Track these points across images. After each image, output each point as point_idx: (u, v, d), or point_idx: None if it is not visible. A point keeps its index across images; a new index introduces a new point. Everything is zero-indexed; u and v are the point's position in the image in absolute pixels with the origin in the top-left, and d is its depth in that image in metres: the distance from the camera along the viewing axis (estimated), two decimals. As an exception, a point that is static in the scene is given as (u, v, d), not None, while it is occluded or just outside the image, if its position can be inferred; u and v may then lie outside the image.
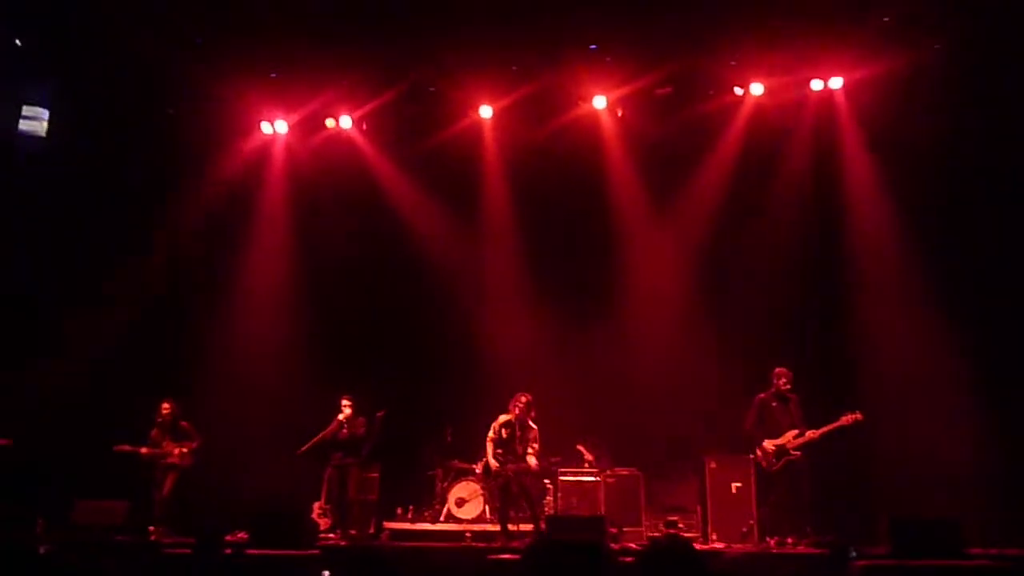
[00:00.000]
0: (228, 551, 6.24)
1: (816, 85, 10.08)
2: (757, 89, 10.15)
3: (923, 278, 9.42)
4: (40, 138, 10.62)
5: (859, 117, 10.03)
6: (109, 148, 10.62)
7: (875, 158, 9.92)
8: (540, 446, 8.77)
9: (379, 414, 9.37)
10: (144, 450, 9.30)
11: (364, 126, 11.07)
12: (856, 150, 10.08)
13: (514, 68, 10.26)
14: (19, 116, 10.54)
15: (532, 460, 8.65)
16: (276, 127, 11.13)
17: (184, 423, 9.48)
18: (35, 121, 10.64)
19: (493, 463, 8.71)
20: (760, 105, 10.30)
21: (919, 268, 9.49)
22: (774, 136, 10.34)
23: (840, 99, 10.11)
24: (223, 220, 11.08)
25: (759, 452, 8.56)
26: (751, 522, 8.81)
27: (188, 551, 6.61)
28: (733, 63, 9.99)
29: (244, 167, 11.18)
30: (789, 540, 8.16)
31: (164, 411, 9.42)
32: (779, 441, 8.43)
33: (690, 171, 10.65)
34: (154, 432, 9.38)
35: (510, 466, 8.65)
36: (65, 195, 10.47)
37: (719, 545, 8.55)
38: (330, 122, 11.01)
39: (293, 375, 10.53)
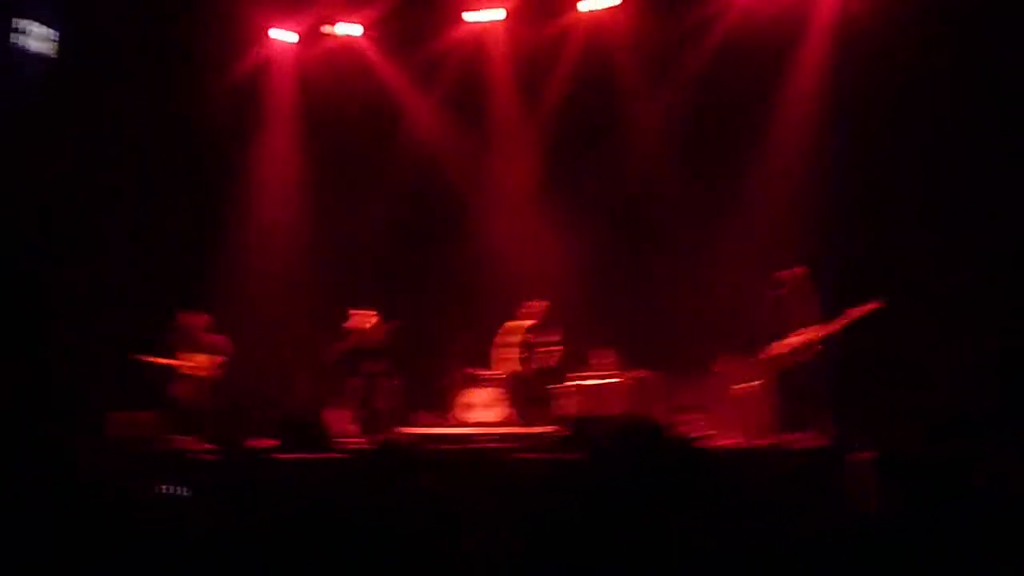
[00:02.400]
0: (256, 455, 6.45)
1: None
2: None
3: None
4: (50, 58, 10.53)
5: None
6: (117, 65, 10.53)
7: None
8: (558, 348, 8.91)
9: (396, 323, 9.50)
10: (171, 361, 9.51)
11: (373, 33, 10.88)
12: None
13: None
14: (28, 36, 10.42)
15: (553, 359, 8.80)
16: (284, 36, 10.97)
17: (213, 336, 9.66)
18: (44, 41, 10.53)
19: (509, 366, 8.87)
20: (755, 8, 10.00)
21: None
22: (776, 34, 10.07)
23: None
24: (233, 130, 11.04)
25: (775, 351, 8.62)
26: (765, 419, 8.93)
27: (217, 458, 6.86)
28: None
29: (253, 77, 11.09)
30: (803, 434, 8.28)
31: (193, 323, 9.59)
32: (796, 340, 8.48)
33: (699, 69, 10.46)
34: (184, 344, 9.58)
35: (527, 366, 8.81)
36: (75, 112, 10.41)
37: (730, 442, 8.71)
38: (328, 28, 10.82)
39: (309, 287, 10.67)
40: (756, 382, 9.10)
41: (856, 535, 2.39)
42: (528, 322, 8.88)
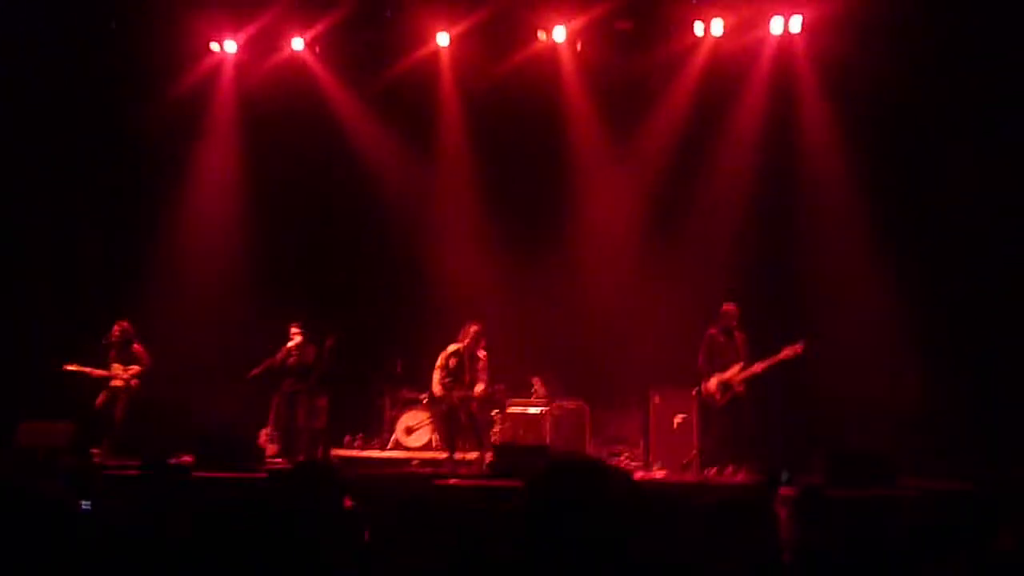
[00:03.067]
0: (174, 472, 6.25)
1: (776, 27, 10.01)
2: (717, 27, 10.07)
3: (873, 222, 9.60)
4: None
5: (817, 60, 10.03)
6: (54, 69, 10.24)
7: (831, 104, 9.97)
8: (488, 375, 8.89)
9: (328, 342, 9.35)
10: (93, 371, 9.19)
11: (316, 48, 10.78)
12: (813, 95, 10.12)
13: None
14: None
15: (479, 387, 8.77)
16: (225, 47, 10.78)
17: (136, 346, 9.36)
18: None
19: (438, 390, 8.81)
20: (719, 46, 10.24)
21: (870, 212, 9.65)
22: (732, 78, 10.31)
23: (799, 43, 10.08)
24: (171, 142, 10.82)
25: (704, 388, 8.76)
26: (693, 453, 9.04)
27: (133, 472, 6.61)
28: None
29: (192, 89, 10.89)
30: (728, 471, 8.43)
31: (115, 332, 9.28)
32: (725, 376, 8.63)
33: (647, 109, 10.61)
34: (107, 353, 9.27)
35: (456, 392, 8.76)
36: (7, 115, 10.08)
37: (659, 475, 8.78)
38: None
39: (242, 301, 10.45)
40: (684, 416, 9.22)
41: (784, 570, 2.41)
42: (461, 345, 8.84)
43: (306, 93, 10.91)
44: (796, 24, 9.93)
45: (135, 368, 9.28)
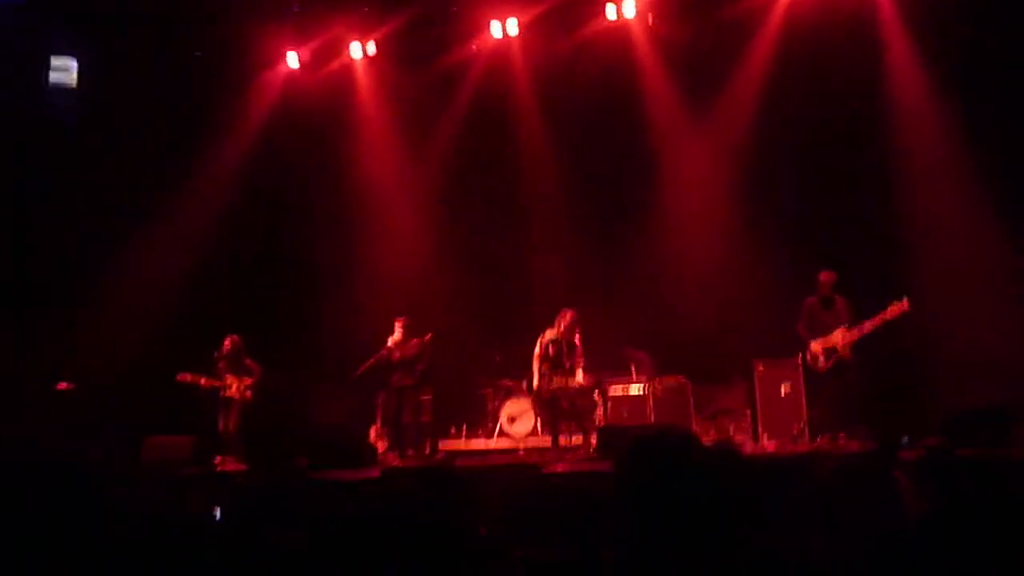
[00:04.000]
0: (291, 475, 6.46)
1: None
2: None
3: (973, 169, 9.12)
4: (70, 89, 10.69)
5: (901, 3, 9.61)
6: (138, 96, 10.68)
7: (920, 50, 9.52)
8: (587, 361, 8.87)
9: (427, 336, 9.50)
10: (204, 381, 9.56)
11: (388, 50, 10.97)
12: (900, 41, 9.67)
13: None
14: (48, 68, 10.58)
15: (579, 375, 8.77)
16: (300, 57, 11.07)
17: (247, 359, 9.70)
18: (64, 72, 10.68)
19: (536, 379, 8.86)
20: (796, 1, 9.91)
21: (968, 160, 9.17)
22: (812, 32, 9.93)
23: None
24: (260, 156, 11.18)
25: (808, 354, 8.55)
26: (801, 423, 8.84)
27: (252, 479, 6.87)
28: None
29: (274, 100, 11.22)
30: (840, 438, 8.20)
31: (226, 346, 9.63)
32: (829, 341, 8.40)
33: (726, 74, 10.36)
34: (219, 365, 9.63)
35: (557, 381, 8.78)
36: (100, 143, 10.56)
37: (770, 446, 8.62)
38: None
39: (344, 302, 10.72)
40: (791, 385, 9.02)
41: (914, 539, 2.35)
42: (558, 332, 8.85)
43: (380, 95, 11.14)
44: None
45: (248, 380, 9.61)
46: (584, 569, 2.79)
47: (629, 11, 10.22)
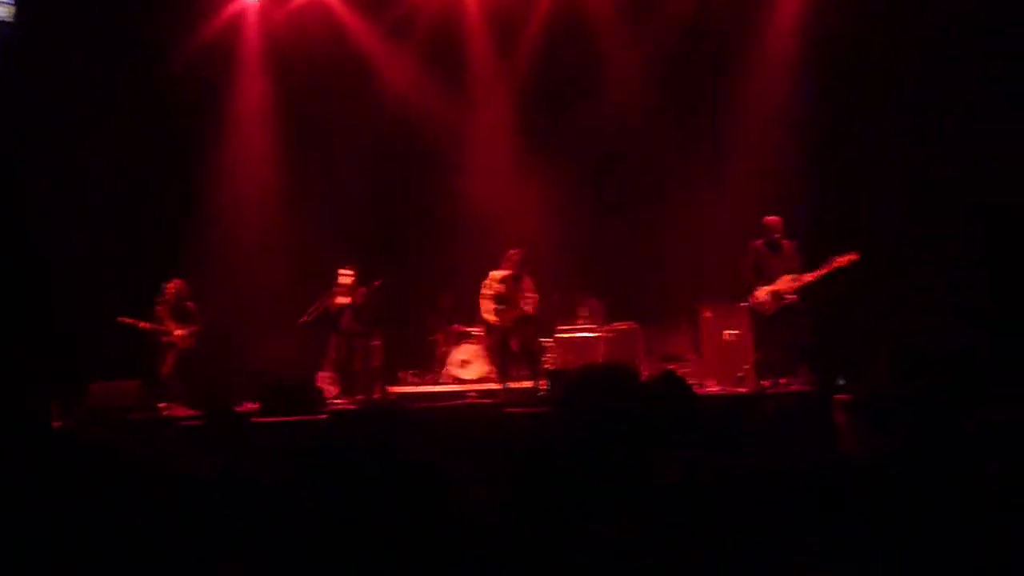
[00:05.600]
0: (237, 420, 6.43)
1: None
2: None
3: (921, 108, 9.20)
4: (7, 23, 10.25)
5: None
6: (79, 25, 10.25)
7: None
8: (537, 296, 8.93)
9: (376, 283, 9.46)
10: (145, 324, 9.40)
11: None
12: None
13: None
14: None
15: (529, 307, 8.81)
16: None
17: (190, 304, 9.55)
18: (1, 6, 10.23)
19: (491, 317, 8.88)
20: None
21: (915, 97, 9.25)
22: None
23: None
24: (201, 91, 10.83)
25: (754, 299, 8.66)
26: (746, 367, 9.01)
27: (200, 423, 6.82)
28: None
29: (217, 38, 10.87)
30: (782, 381, 8.37)
31: (169, 291, 9.47)
32: (774, 286, 8.52)
33: (670, 10, 10.35)
34: (159, 310, 9.48)
35: (508, 315, 8.82)
36: (38, 76, 10.13)
37: (715, 389, 8.79)
38: None
39: (288, 246, 10.58)
40: (737, 332, 9.16)
41: (847, 477, 2.41)
42: (507, 271, 8.87)
43: (330, 33, 10.85)
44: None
45: (191, 327, 9.47)
46: (529, 505, 2.82)
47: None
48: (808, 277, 8.41)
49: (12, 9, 10.22)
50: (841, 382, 6.61)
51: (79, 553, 2.28)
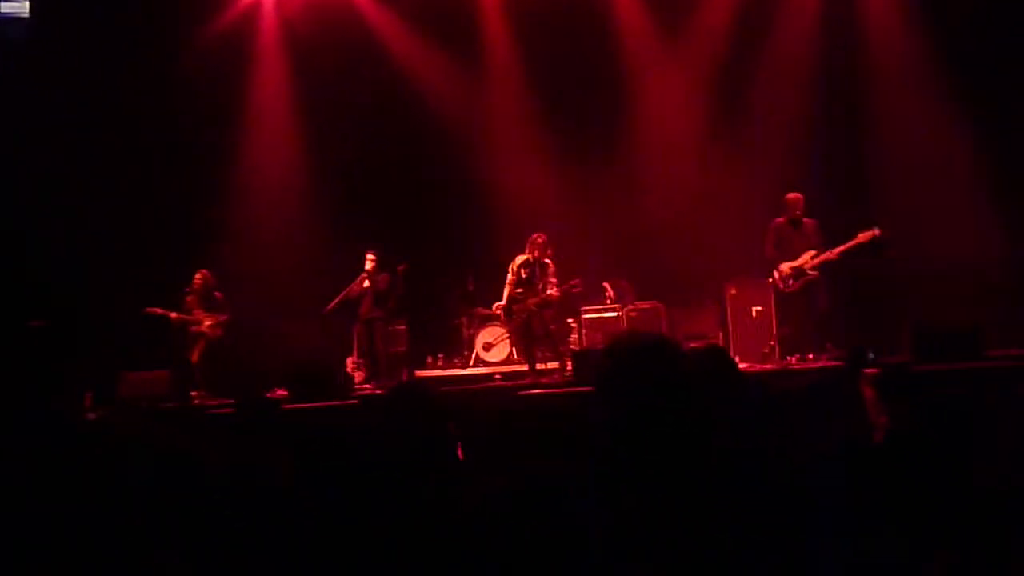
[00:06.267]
0: (267, 406, 6.51)
1: None
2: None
3: (942, 90, 9.18)
4: (23, 19, 10.33)
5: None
6: (96, 18, 10.33)
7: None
8: (559, 280, 8.94)
9: (400, 268, 9.49)
10: (174, 315, 9.49)
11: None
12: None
13: None
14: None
15: (553, 290, 8.84)
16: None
17: (218, 294, 9.63)
18: (15, 2, 10.30)
19: (507, 303, 8.94)
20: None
21: (937, 79, 9.22)
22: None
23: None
24: (220, 79, 10.87)
25: (776, 275, 8.64)
26: (772, 343, 9.00)
27: (231, 411, 6.91)
28: None
29: (233, 25, 10.91)
30: (809, 356, 8.37)
31: (196, 281, 9.55)
32: (796, 263, 8.50)
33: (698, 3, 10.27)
34: (188, 300, 9.58)
35: (531, 300, 8.85)
36: (58, 71, 10.22)
37: (742, 366, 8.77)
38: None
39: (311, 233, 10.66)
40: (762, 307, 9.14)
41: (875, 450, 2.42)
42: (530, 255, 8.89)
43: (348, 19, 10.85)
44: None
45: (218, 316, 9.57)
46: (562, 488, 2.85)
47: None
48: (830, 254, 8.38)
49: (26, 3, 10.28)
50: (871, 356, 6.58)
51: (109, 546, 2.33)
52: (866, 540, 2.07)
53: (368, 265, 9.51)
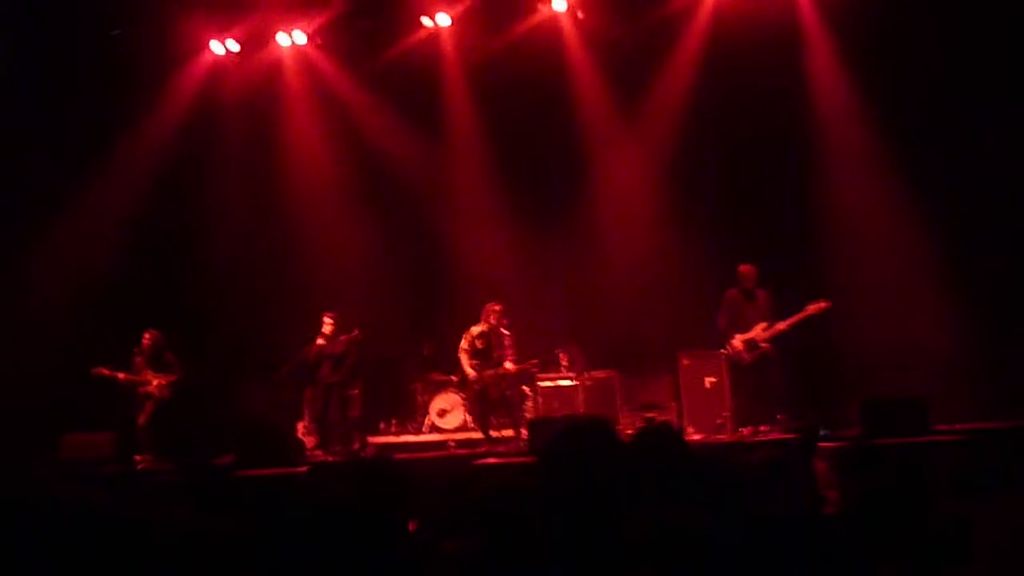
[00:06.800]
0: (216, 473, 6.36)
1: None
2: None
3: (890, 167, 9.49)
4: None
5: (822, 6, 9.90)
6: (53, 80, 10.29)
7: (840, 50, 9.83)
8: (516, 351, 8.95)
9: (355, 332, 9.43)
10: (122, 375, 9.23)
11: (318, 41, 10.77)
12: (821, 43, 9.97)
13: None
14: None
15: (509, 364, 8.84)
16: (227, 46, 10.78)
17: (168, 355, 9.41)
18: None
19: (470, 372, 8.88)
20: (720, 4, 10.09)
21: (887, 158, 9.53)
22: (736, 36, 10.13)
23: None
24: (182, 144, 10.84)
25: (730, 347, 8.76)
26: (725, 414, 9.06)
27: (176, 477, 6.73)
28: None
29: (198, 89, 10.92)
30: (762, 428, 8.43)
31: (145, 341, 9.32)
32: (749, 335, 8.63)
33: (654, 72, 10.53)
34: (137, 360, 9.33)
35: (487, 372, 8.82)
36: (11, 127, 10.14)
37: (696, 437, 8.81)
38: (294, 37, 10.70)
39: (267, 297, 10.55)
40: (715, 379, 9.23)
41: (826, 525, 2.44)
42: (486, 325, 8.91)
43: (311, 87, 10.95)
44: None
45: (169, 376, 9.36)
46: (512, 557, 2.82)
47: (560, 5, 10.29)
48: (781, 325, 8.54)
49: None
50: (823, 432, 6.69)
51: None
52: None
53: (326, 328, 9.43)
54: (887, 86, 9.52)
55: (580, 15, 10.39)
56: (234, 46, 10.76)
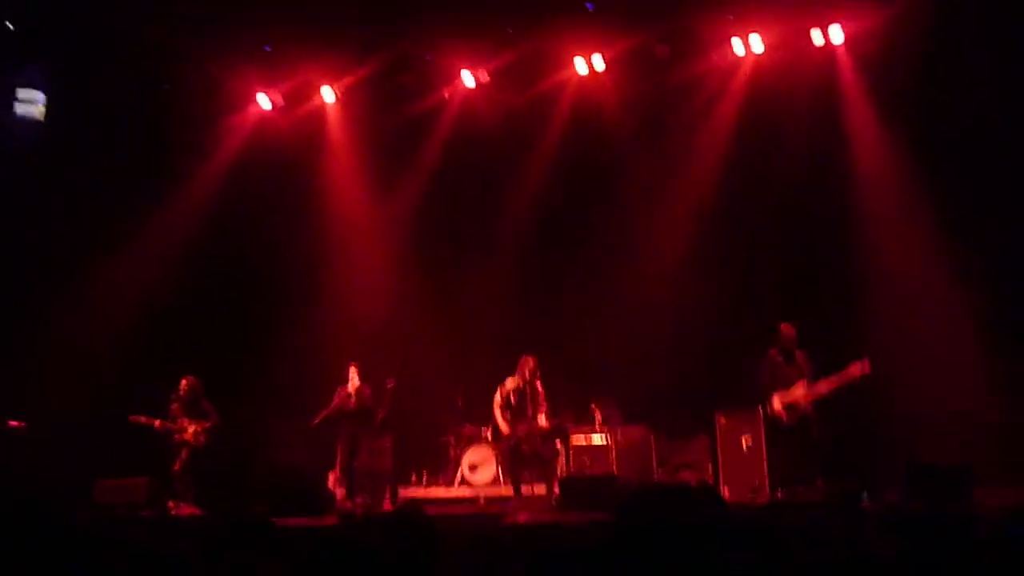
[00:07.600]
0: (249, 522, 6.33)
1: (817, 38, 9.93)
2: (757, 45, 10.02)
3: (932, 227, 9.38)
4: (37, 122, 10.58)
5: (862, 67, 9.92)
6: (107, 130, 10.63)
7: (877, 108, 9.83)
8: (549, 406, 8.88)
9: (388, 383, 9.42)
10: (158, 423, 9.31)
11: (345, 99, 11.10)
12: (858, 102, 9.99)
13: (509, 30, 10.23)
14: (14, 100, 10.47)
15: (543, 419, 8.75)
16: (272, 99, 11.11)
17: (205, 402, 9.48)
18: (31, 105, 10.57)
19: (504, 427, 8.81)
20: (760, 63, 10.19)
21: (928, 218, 9.43)
22: (775, 94, 10.21)
23: (841, 52, 9.99)
24: (226, 194, 11.12)
25: (770, 408, 8.60)
26: (763, 476, 8.87)
27: (208, 523, 6.72)
28: (731, 16, 9.93)
29: (243, 140, 11.22)
30: (799, 490, 8.23)
31: (182, 388, 9.41)
32: (789, 398, 8.46)
33: (695, 127, 10.61)
34: (173, 407, 9.40)
35: (520, 427, 8.75)
36: (64, 177, 10.44)
37: (732, 499, 8.61)
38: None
39: (303, 346, 10.62)
40: (752, 437, 9.06)
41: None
42: (520, 379, 8.86)
43: (351, 137, 11.23)
44: (837, 35, 9.85)
45: (204, 423, 9.41)
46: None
47: (599, 65, 10.44)
48: (822, 388, 8.37)
49: (43, 108, 10.55)
50: (864, 495, 6.51)
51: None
52: None
53: (353, 380, 9.45)
54: (927, 146, 9.47)
55: (600, 69, 10.48)
56: (278, 99, 11.08)
